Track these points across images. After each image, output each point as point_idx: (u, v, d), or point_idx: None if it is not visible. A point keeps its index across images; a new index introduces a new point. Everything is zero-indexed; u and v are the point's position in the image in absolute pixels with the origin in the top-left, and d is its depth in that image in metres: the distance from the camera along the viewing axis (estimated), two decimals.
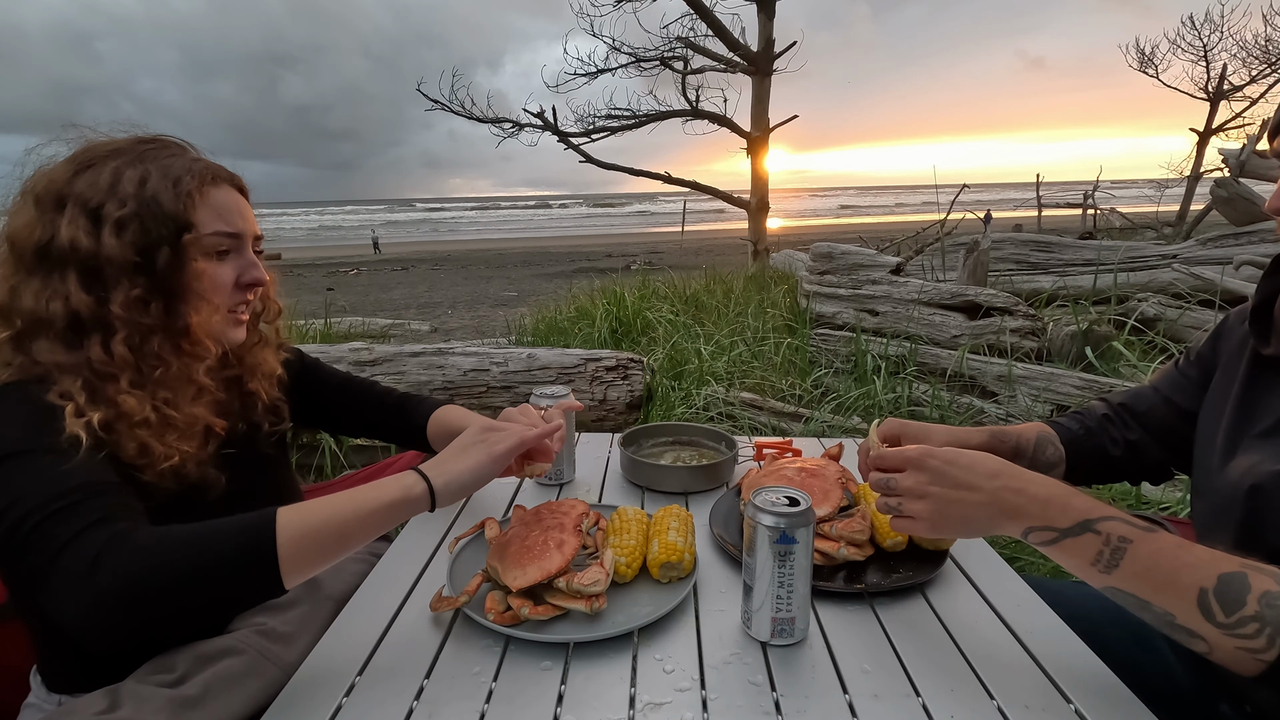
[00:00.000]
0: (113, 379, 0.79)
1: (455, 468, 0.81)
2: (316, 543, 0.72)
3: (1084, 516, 0.68)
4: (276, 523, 0.69)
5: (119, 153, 0.84)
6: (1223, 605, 0.61)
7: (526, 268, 15.09)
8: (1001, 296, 3.85)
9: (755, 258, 9.26)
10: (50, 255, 0.79)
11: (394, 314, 8.53)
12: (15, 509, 0.68)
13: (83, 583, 0.64)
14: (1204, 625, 0.62)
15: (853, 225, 24.15)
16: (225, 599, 0.70)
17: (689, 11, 9.24)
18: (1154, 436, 1.02)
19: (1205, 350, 0.99)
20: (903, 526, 0.77)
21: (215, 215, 0.86)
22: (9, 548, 0.68)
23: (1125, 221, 11.13)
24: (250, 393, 1.00)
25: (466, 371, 2.74)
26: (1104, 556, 0.67)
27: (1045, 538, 0.70)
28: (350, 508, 0.74)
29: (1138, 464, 1.04)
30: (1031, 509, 0.70)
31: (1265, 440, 0.81)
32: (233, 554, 0.68)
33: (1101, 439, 1.05)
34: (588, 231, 33.33)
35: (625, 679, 0.74)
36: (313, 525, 0.72)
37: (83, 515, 0.68)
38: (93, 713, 0.74)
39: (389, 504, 0.76)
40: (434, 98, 10.10)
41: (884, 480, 0.78)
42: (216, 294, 0.87)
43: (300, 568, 0.71)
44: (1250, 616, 0.60)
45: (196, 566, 0.67)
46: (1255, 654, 0.61)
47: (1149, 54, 12.93)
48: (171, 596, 0.66)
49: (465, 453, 0.83)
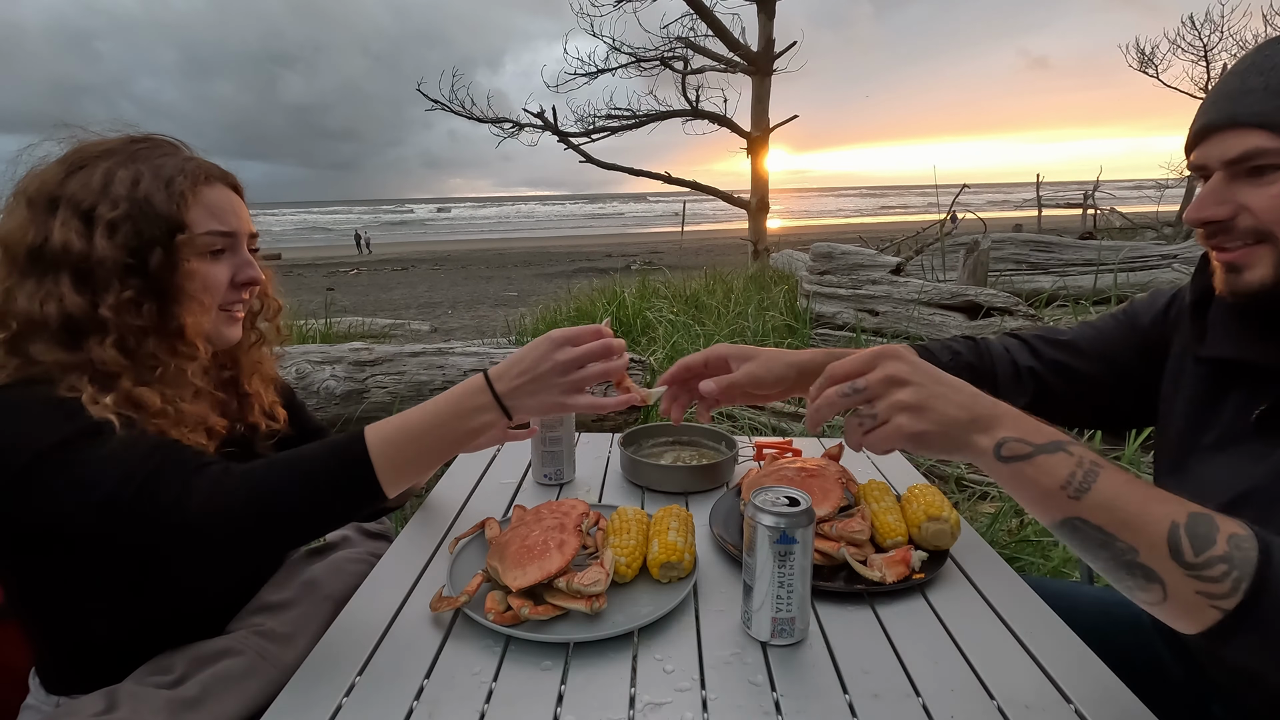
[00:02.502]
0: (117, 377, 0.79)
1: (528, 404, 0.79)
2: (402, 451, 0.76)
3: (1057, 437, 0.64)
4: (366, 437, 0.75)
5: (111, 153, 0.83)
6: (1193, 542, 0.58)
7: (526, 268, 15.10)
8: (1001, 296, 3.86)
9: (755, 258, 9.26)
10: (43, 257, 0.79)
11: (394, 314, 8.54)
12: (102, 486, 0.71)
13: (213, 514, 0.71)
14: (1168, 565, 0.58)
15: (853, 225, 24.16)
16: (331, 506, 0.76)
17: (689, 11, 9.25)
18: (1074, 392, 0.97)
19: (1151, 328, 0.94)
20: (881, 436, 0.67)
21: (209, 215, 0.86)
22: (110, 521, 0.71)
23: (1125, 221, 11.13)
24: (247, 394, 0.99)
25: (466, 371, 2.74)
26: (1075, 479, 0.62)
27: (1019, 450, 0.64)
28: (429, 417, 0.78)
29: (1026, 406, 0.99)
30: (1007, 419, 0.66)
31: (1213, 457, 0.80)
32: (335, 467, 0.74)
33: (988, 375, 1.00)
34: (588, 231, 33.33)
35: (625, 679, 0.74)
36: (392, 435, 0.76)
37: (178, 469, 0.73)
38: (91, 714, 0.74)
39: (463, 414, 0.78)
40: (434, 97, 10.11)
41: (849, 388, 0.68)
42: (210, 294, 0.87)
43: (394, 476, 0.75)
44: (1219, 557, 0.57)
45: (305, 474, 0.74)
46: (1214, 600, 0.57)
47: (1149, 54, 12.93)
48: (289, 505, 0.73)
49: (539, 389, 0.79)
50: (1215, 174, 0.74)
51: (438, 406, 0.78)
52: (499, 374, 0.79)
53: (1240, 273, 0.74)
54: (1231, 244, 0.74)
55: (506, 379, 0.78)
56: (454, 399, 0.78)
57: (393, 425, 0.77)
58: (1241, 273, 0.74)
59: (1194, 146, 0.76)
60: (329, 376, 2.70)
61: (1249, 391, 0.78)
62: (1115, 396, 0.97)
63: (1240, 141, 0.70)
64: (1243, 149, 0.70)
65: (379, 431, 0.76)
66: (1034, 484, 0.64)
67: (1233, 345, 0.80)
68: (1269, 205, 0.70)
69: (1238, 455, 0.77)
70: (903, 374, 0.67)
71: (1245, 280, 0.74)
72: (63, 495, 0.71)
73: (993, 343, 1.04)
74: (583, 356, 0.79)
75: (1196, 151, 0.75)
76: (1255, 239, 0.72)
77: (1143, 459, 2.52)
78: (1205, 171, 0.75)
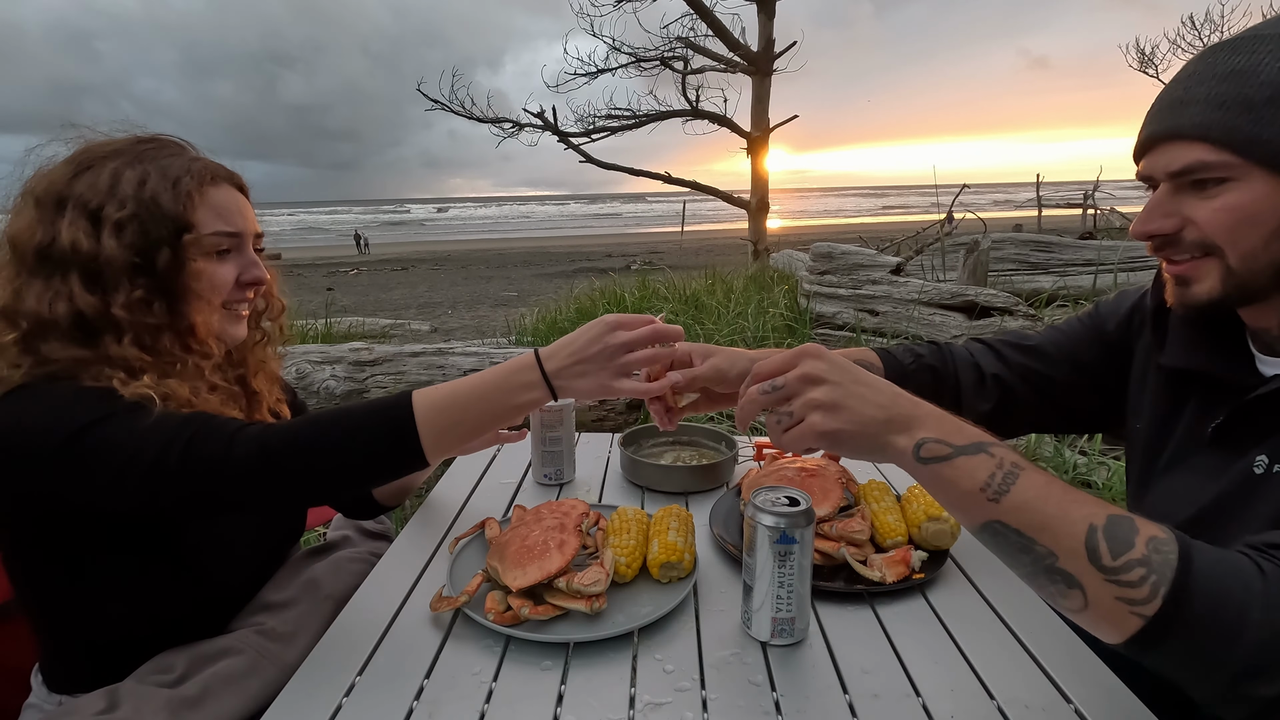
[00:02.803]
0: (142, 371, 0.80)
1: (576, 385, 0.80)
2: (446, 416, 0.76)
3: (979, 439, 0.64)
4: (413, 400, 0.76)
5: (118, 153, 0.84)
6: (1111, 546, 0.56)
7: (526, 268, 15.09)
8: (1001, 296, 3.86)
9: (755, 258, 9.26)
10: (51, 257, 0.79)
11: (394, 314, 8.53)
12: (148, 450, 0.72)
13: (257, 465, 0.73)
14: (1086, 569, 0.57)
15: (853, 225, 24.16)
16: (372, 463, 0.76)
17: (689, 11, 9.24)
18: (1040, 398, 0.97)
19: (1115, 333, 0.93)
20: (796, 435, 0.67)
21: (215, 215, 0.86)
22: (157, 482, 0.73)
23: (1125, 221, 11.13)
24: (255, 392, 1.00)
25: (466, 371, 2.74)
26: (995, 480, 0.61)
27: (939, 451, 0.63)
28: (476, 388, 0.79)
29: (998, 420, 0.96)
30: (928, 420, 0.65)
31: (1172, 470, 0.79)
32: (380, 424, 0.75)
33: (949, 380, 0.98)
34: (588, 231, 33.34)
35: (625, 679, 0.74)
36: (439, 400, 0.77)
37: (222, 429, 0.74)
38: (92, 713, 0.74)
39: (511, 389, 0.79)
40: (434, 97, 10.10)
41: (769, 385, 0.69)
42: (216, 293, 0.87)
43: (436, 441, 0.76)
44: (1137, 560, 0.56)
45: (349, 430, 0.75)
46: (1134, 606, 0.55)
47: (1149, 54, 12.92)
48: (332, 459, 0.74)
49: (589, 369, 0.79)
50: (1161, 185, 0.72)
51: (485, 379, 0.79)
52: (550, 353, 0.79)
53: (1189, 285, 0.73)
54: (1179, 256, 0.73)
55: (557, 358, 0.79)
56: (503, 373, 0.79)
57: (441, 392, 0.78)
58: (1190, 285, 0.73)
59: (1140, 156, 0.75)
60: (329, 376, 2.70)
61: (1205, 402, 0.77)
62: (1082, 400, 0.97)
63: (1183, 154, 0.69)
64: (1185, 162, 0.68)
65: (427, 396, 0.77)
66: (953, 486, 0.63)
67: (1188, 355, 0.79)
68: (1212, 219, 0.68)
69: (1196, 469, 0.76)
70: (819, 372, 0.67)
71: (1194, 293, 0.73)
72: (106, 465, 0.72)
73: (957, 348, 1.03)
74: (634, 341, 0.79)
75: (1144, 162, 0.74)
76: (1202, 252, 0.71)
77: None
78: (1152, 182, 0.74)
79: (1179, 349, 0.81)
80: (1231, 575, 0.56)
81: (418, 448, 0.75)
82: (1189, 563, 0.55)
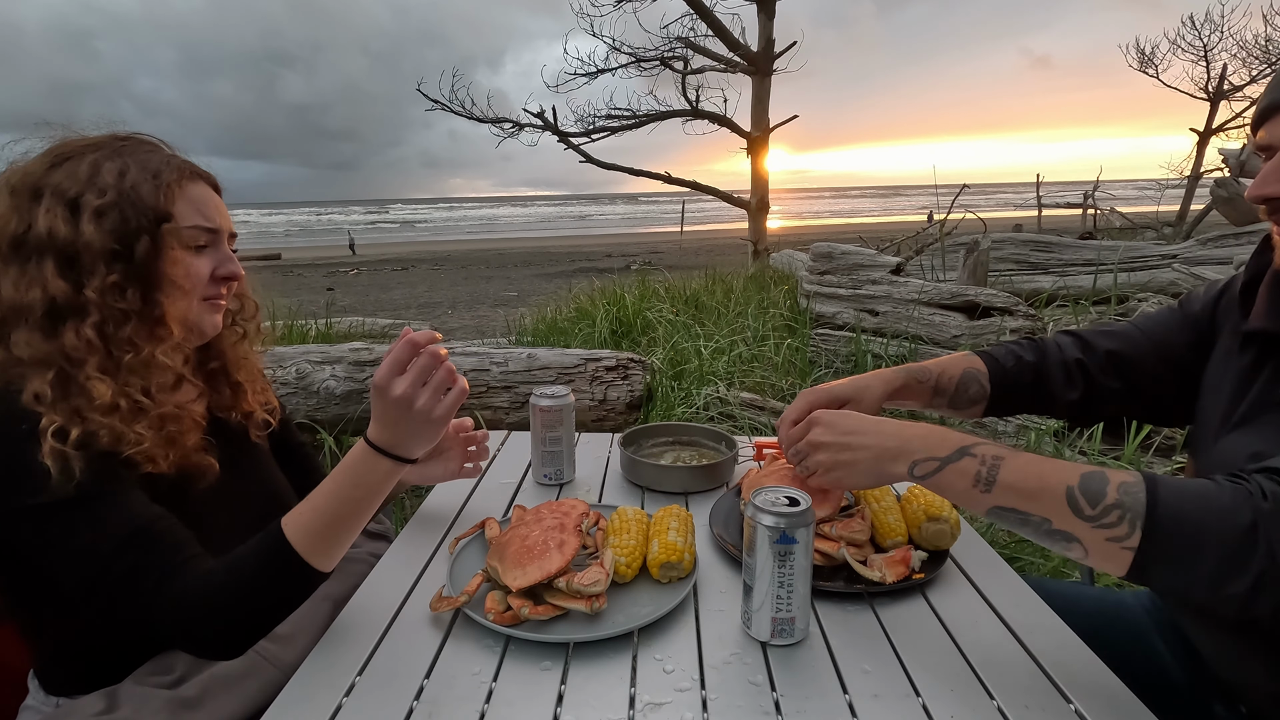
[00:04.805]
0: (82, 364, 0.79)
1: (415, 444, 0.81)
2: (320, 533, 0.78)
3: (961, 445, 0.74)
4: (284, 529, 0.78)
5: (97, 147, 0.85)
6: (1088, 498, 0.66)
7: (526, 268, 15.09)
8: (1001, 296, 3.85)
9: (755, 258, 9.26)
10: (27, 244, 0.80)
11: (394, 314, 8.53)
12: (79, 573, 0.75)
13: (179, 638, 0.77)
14: (1075, 523, 0.66)
15: (853, 225, 24.16)
16: (284, 598, 0.79)
17: (689, 11, 9.24)
18: (1125, 385, 0.99)
19: (1201, 314, 0.95)
20: (817, 481, 0.87)
21: (194, 209, 0.88)
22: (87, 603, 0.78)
23: (1125, 221, 11.12)
24: (239, 384, 1.00)
25: (466, 371, 2.74)
26: (982, 476, 0.71)
27: (929, 468, 0.75)
28: (335, 493, 0.80)
29: (1083, 408, 1.01)
30: (913, 445, 0.77)
31: (1238, 429, 0.80)
32: (268, 564, 0.78)
33: (1045, 373, 1.02)
34: (588, 231, 33.33)
35: (625, 679, 0.74)
36: (307, 522, 0.78)
37: (145, 578, 0.75)
38: (91, 714, 0.75)
39: (369, 483, 0.80)
40: (434, 97, 10.10)
41: (793, 451, 0.89)
42: (192, 283, 0.88)
43: (323, 554, 0.79)
44: (1112, 504, 0.65)
45: (247, 577, 0.77)
46: (1122, 543, 0.64)
47: (1149, 54, 12.92)
48: (242, 609, 0.77)
49: (411, 428, 0.80)
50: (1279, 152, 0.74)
51: (339, 484, 0.79)
52: (377, 435, 0.80)
53: None
54: None
55: (384, 436, 0.79)
56: (352, 474, 0.79)
57: (306, 513, 0.79)
58: None
59: (1260, 124, 0.77)
60: (329, 376, 2.70)
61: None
62: (1166, 387, 0.97)
63: None
64: None
65: (295, 522, 0.78)
66: (951, 489, 0.75)
67: (1271, 318, 0.81)
68: None
69: (1264, 427, 0.77)
70: (819, 439, 0.85)
71: None
72: (40, 565, 0.76)
73: (1048, 341, 1.06)
74: (409, 379, 0.78)
75: (1263, 129, 0.76)
76: None
77: (1143, 459, 2.52)
78: (1271, 150, 0.75)
79: (1265, 312, 0.82)
80: (1191, 499, 0.64)
81: (310, 570, 0.78)
82: (1155, 496, 0.64)
